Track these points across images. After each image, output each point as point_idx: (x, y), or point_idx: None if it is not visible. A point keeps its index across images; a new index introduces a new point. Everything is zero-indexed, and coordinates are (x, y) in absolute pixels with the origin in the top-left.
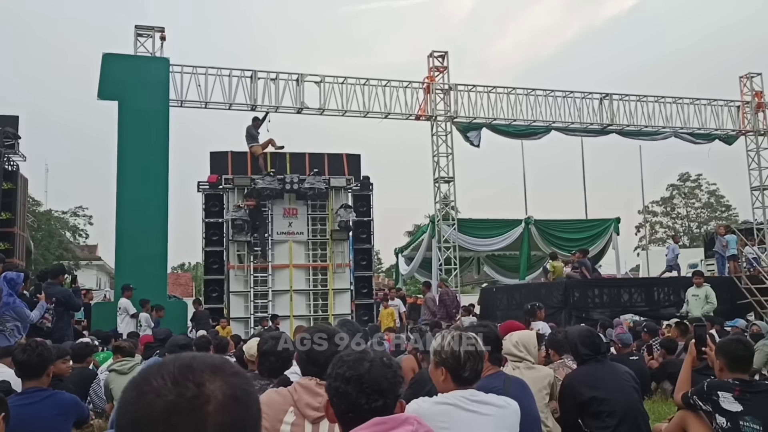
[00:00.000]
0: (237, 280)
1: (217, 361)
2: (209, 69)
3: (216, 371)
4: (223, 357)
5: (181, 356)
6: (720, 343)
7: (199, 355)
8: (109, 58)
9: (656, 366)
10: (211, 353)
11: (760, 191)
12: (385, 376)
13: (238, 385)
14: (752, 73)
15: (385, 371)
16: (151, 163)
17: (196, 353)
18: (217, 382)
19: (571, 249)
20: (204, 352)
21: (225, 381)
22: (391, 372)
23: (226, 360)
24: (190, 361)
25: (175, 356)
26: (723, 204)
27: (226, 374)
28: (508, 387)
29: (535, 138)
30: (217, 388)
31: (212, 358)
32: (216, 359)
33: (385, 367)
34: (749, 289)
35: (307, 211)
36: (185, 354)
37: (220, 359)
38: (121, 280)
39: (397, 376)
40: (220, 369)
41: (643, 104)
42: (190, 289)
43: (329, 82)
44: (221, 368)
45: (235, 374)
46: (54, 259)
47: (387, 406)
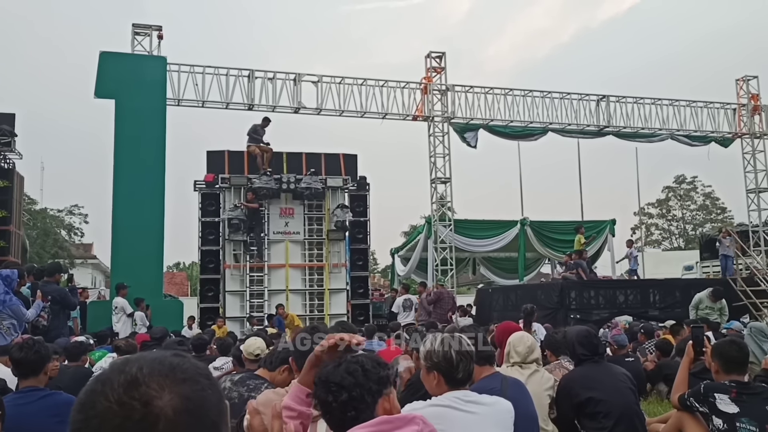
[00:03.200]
0: (233, 280)
1: (165, 366)
2: (206, 68)
3: (164, 381)
4: (174, 358)
5: (127, 365)
6: (715, 346)
7: (147, 360)
8: (106, 57)
9: (651, 367)
10: (162, 352)
11: (756, 194)
12: (348, 371)
13: (189, 395)
14: (748, 76)
15: (352, 367)
16: (147, 161)
17: (144, 356)
18: (165, 397)
19: (566, 250)
20: (155, 352)
21: (175, 393)
22: (358, 367)
23: (177, 363)
24: (136, 374)
25: (122, 364)
26: (718, 206)
27: (177, 382)
28: (506, 388)
29: (531, 139)
30: (166, 403)
31: (161, 363)
32: (165, 364)
33: (352, 364)
34: (744, 291)
35: (303, 211)
36: (132, 360)
37: (169, 363)
38: (117, 278)
39: (369, 372)
40: (168, 377)
41: (640, 106)
42: (185, 288)
43: (326, 82)
44: (170, 375)
45: (186, 380)
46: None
47: (356, 400)
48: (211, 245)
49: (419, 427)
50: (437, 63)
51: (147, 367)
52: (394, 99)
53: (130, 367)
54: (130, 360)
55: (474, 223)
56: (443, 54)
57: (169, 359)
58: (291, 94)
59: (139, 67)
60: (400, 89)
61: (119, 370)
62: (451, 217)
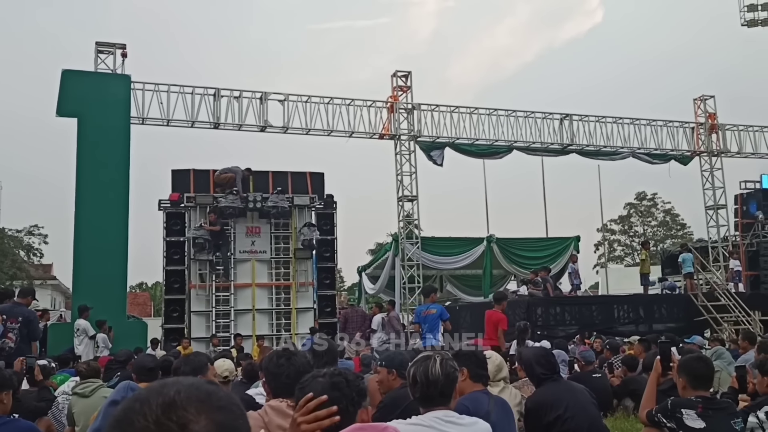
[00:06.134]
0: (198, 300)
1: (202, 392)
2: (171, 86)
3: (202, 407)
4: (210, 386)
5: (165, 388)
6: (682, 362)
7: (185, 385)
8: (69, 75)
9: (617, 383)
10: (197, 378)
11: (714, 210)
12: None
13: (224, 422)
14: (706, 96)
15: (337, 379)
16: (111, 180)
17: (181, 381)
18: (202, 422)
19: (532, 267)
20: (190, 378)
21: (210, 419)
22: (342, 380)
23: (213, 390)
24: (173, 397)
25: (159, 387)
26: (678, 222)
27: (213, 410)
28: (492, 406)
29: (497, 157)
30: (201, 428)
31: (198, 389)
32: (202, 390)
33: (337, 376)
34: (705, 306)
35: (270, 230)
36: (169, 383)
37: (206, 390)
38: (79, 300)
39: (351, 383)
40: (206, 403)
41: (602, 125)
42: (149, 309)
43: (293, 101)
44: (207, 402)
45: (221, 408)
46: (7, 279)
47: (341, 412)
48: (176, 265)
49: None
50: (403, 82)
51: (185, 392)
52: (360, 117)
53: (168, 389)
54: (167, 383)
55: (441, 241)
56: (409, 73)
57: (206, 386)
58: (257, 113)
59: (102, 86)
60: (367, 108)
61: (158, 392)
62: (418, 235)
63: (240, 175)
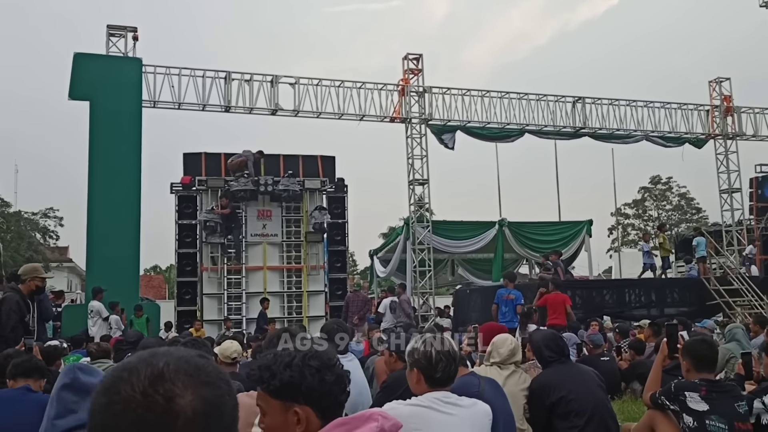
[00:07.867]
0: (210, 283)
1: (191, 366)
2: (183, 70)
3: (189, 381)
4: (200, 359)
5: (154, 358)
6: (686, 344)
7: (174, 357)
8: (81, 58)
9: (625, 367)
10: (188, 350)
11: (729, 194)
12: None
13: (210, 398)
14: (721, 78)
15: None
16: (123, 164)
17: (171, 352)
18: (188, 396)
19: (544, 251)
20: (182, 350)
21: (197, 394)
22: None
23: (202, 365)
24: (162, 369)
25: (149, 356)
26: (693, 206)
27: (200, 384)
28: (483, 387)
29: (508, 141)
30: (187, 403)
31: (187, 362)
32: (191, 363)
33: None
34: (717, 290)
35: (281, 213)
36: (160, 353)
37: (195, 363)
38: (93, 282)
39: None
40: (193, 377)
41: (615, 108)
42: (163, 292)
43: (304, 84)
44: (195, 376)
45: (209, 384)
46: (24, 261)
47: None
48: (188, 248)
49: (378, 423)
50: (414, 65)
51: (174, 364)
52: (371, 101)
53: (157, 360)
54: (157, 353)
55: (452, 225)
56: (420, 56)
57: (195, 359)
58: (268, 96)
59: (114, 69)
60: (378, 91)
61: (146, 361)
62: (429, 219)
63: (251, 158)
